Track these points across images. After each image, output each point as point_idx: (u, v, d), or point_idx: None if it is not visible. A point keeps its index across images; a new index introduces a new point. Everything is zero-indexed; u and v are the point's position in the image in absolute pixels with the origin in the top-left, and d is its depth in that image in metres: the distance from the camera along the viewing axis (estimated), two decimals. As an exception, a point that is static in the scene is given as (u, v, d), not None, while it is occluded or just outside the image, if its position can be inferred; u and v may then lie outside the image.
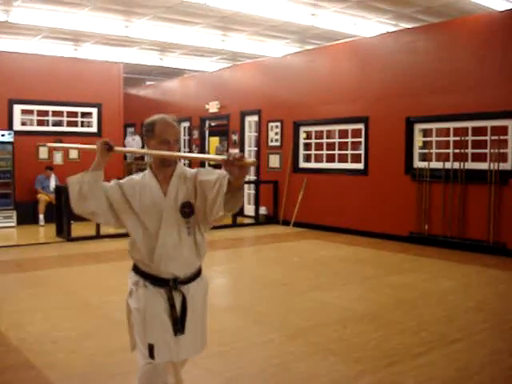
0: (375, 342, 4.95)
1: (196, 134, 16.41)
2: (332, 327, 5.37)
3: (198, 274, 3.15)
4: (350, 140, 11.81)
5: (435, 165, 10.14)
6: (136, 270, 3.06)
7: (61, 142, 13.66)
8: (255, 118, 14.11)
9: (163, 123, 3.01)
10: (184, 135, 17.14)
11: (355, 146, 11.76)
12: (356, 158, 11.67)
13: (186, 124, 16.92)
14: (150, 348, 2.93)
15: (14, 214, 12.51)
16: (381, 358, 4.53)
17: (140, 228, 2.99)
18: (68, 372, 4.28)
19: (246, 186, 14.21)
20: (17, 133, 12.88)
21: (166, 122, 3.02)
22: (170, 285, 2.98)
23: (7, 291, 7.21)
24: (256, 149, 14.12)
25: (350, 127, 11.74)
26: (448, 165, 9.90)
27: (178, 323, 2.98)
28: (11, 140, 12.52)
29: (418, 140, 10.52)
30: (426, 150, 10.43)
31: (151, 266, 2.97)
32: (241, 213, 13.93)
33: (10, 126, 13.11)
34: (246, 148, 14.53)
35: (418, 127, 10.47)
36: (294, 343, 4.90)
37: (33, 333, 5.17)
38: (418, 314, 5.88)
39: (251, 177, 14.34)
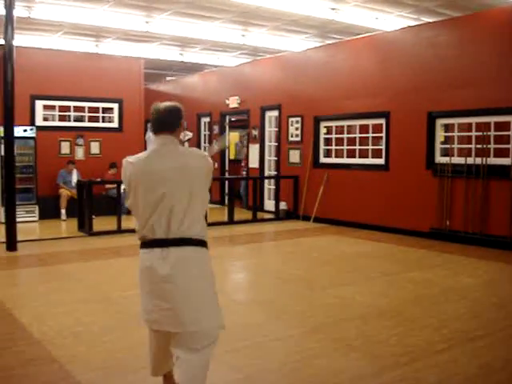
0: (396, 338, 4.94)
1: (216, 129, 16.43)
2: (353, 323, 5.36)
3: None
4: (370, 135, 11.75)
5: (457, 160, 10.05)
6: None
7: (82, 137, 13.81)
8: (275, 113, 14.10)
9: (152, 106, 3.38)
10: (204, 130, 17.18)
11: (376, 141, 11.70)
12: (377, 153, 11.61)
13: (207, 119, 16.96)
14: None
15: (37, 208, 12.65)
16: (402, 355, 4.52)
17: None
18: (89, 365, 4.32)
19: (266, 180, 14.25)
20: (39, 128, 13.00)
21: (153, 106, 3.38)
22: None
23: (30, 285, 7.31)
24: (276, 144, 14.11)
25: (370, 122, 11.68)
26: (470, 160, 9.81)
27: None
28: (33, 135, 12.64)
29: (440, 135, 10.44)
30: (447, 145, 10.34)
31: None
32: (261, 208, 13.95)
33: (32, 122, 13.24)
34: (267, 143, 14.53)
35: (439, 122, 10.38)
36: (315, 339, 4.91)
37: (55, 326, 5.23)
38: (440, 311, 5.84)
39: (272, 172, 14.34)
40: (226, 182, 15.30)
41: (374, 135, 11.68)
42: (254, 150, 14.84)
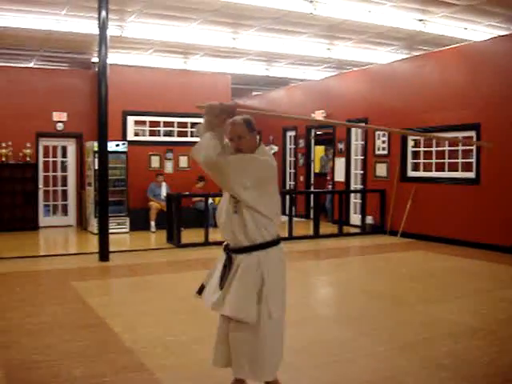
0: (488, 358, 4.77)
1: (302, 143, 16.46)
2: (442, 341, 5.22)
3: (246, 250, 3.42)
4: (460, 148, 11.45)
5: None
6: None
7: (171, 151, 14.18)
8: (361, 126, 13.99)
9: (231, 123, 3.49)
10: (290, 144, 17.24)
11: (466, 154, 11.38)
12: (467, 167, 11.29)
13: (292, 133, 17.02)
14: (201, 287, 3.73)
15: (128, 220, 13.07)
16: (494, 376, 4.37)
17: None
18: (179, 375, 4.42)
19: (352, 194, 14.13)
20: (130, 143, 13.47)
21: (232, 122, 3.50)
22: (224, 248, 3.55)
23: (121, 294, 7.55)
24: (362, 157, 13.98)
25: (460, 134, 11.39)
26: None
27: (222, 280, 3.49)
28: (125, 150, 13.09)
29: (534, 147, 10.05)
30: (542, 158, 9.94)
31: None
32: (347, 222, 13.83)
33: (124, 137, 13.73)
34: (353, 157, 14.42)
35: (534, 134, 10.01)
36: (404, 356, 4.81)
37: (146, 336, 5.38)
38: (536, 331, 5.62)
39: (358, 185, 14.21)
40: (311, 195, 15.28)
41: (464, 148, 11.36)
42: (340, 163, 14.76)
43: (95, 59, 13.42)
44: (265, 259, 3.45)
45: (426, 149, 12.25)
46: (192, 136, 14.72)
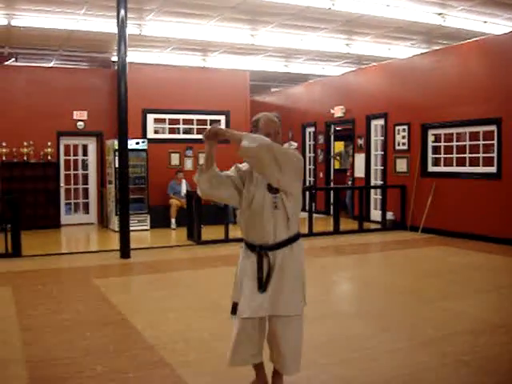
0: (510, 354, 4.75)
1: (321, 138, 16.43)
2: (464, 337, 5.19)
3: (285, 243, 3.61)
4: (481, 142, 11.35)
5: None
6: (244, 242, 3.72)
7: (191, 149, 14.22)
8: (381, 121, 13.91)
9: (265, 119, 3.66)
10: (309, 140, 17.21)
11: (487, 148, 11.28)
12: (488, 162, 11.19)
13: (312, 129, 16.99)
14: (234, 306, 3.63)
15: (148, 217, 13.14)
16: (517, 372, 4.34)
17: (243, 200, 3.65)
18: (200, 371, 4.45)
19: (372, 190, 14.08)
20: (150, 140, 13.53)
21: (267, 118, 3.67)
22: (257, 250, 3.58)
23: (142, 291, 7.60)
24: (382, 153, 13.91)
25: (481, 129, 11.29)
26: None
27: (262, 283, 3.55)
28: (145, 148, 13.16)
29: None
30: None
31: (247, 235, 3.66)
32: (367, 218, 13.78)
33: (144, 135, 13.80)
34: (373, 152, 14.36)
35: (556, 128, 9.89)
36: (425, 352, 4.79)
37: (167, 332, 5.42)
38: (558, 327, 5.56)
39: (378, 181, 14.15)
40: (331, 191, 15.25)
41: (485, 142, 11.27)
42: (360, 159, 14.71)
43: (115, 58, 13.49)
44: (299, 248, 3.72)
45: (446, 144, 12.15)
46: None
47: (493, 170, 11.00)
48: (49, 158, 13.26)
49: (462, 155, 11.76)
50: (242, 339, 3.64)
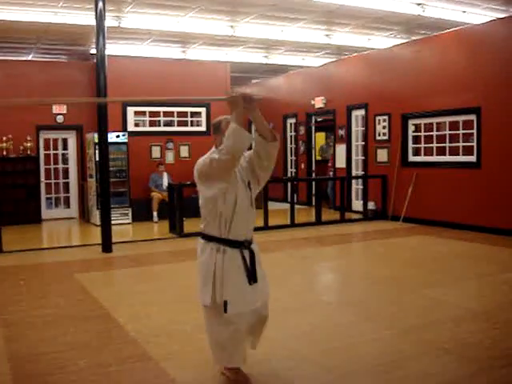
0: (491, 341, 4.80)
1: (302, 129, 16.45)
2: (445, 325, 5.24)
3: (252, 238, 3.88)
4: (461, 132, 11.43)
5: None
6: (212, 238, 3.77)
7: (172, 141, 14.18)
8: (362, 112, 13.96)
9: (227, 122, 3.75)
10: (290, 131, 17.22)
11: (467, 137, 11.37)
12: (468, 151, 11.27)
13: (292, 120, 17.00)
14: (225, 304, 3.64)
15: (130, 211, 13.10)
16: (497, 358, 4.39)
17: (226, 199, 3.66)
18: (183, 363, 4.45)
19: (353, 180, 14.13)
20: (130, 133, 13.47)
21: (229, 121, 3.73)
22: (244, 245, 3.74)
23: (125, 285, 7.59)
24: (363, 143, 13.97)
25: (460, 118, 11.37)
26: None
27: (254, 276, 3.74)
28: (126, 141, 13.09)
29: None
30: (543, 140, 9.92)
31: (230, 233, 3.70)
32: (349, 208, 13.84)
33: (124, 128, 13.72)
34: (353, 143, 14.40)
35: (534, 116, 9.99)
36: (407, 341, 4.84)
37: (149, 325, 5.41)
38: (538, 313, 5.64)
39: (359, 171, 14.20)
40: (313, 182, 15.30)
41: (465, 132, 11.35)
42: (341, 149, 14.75)
43: (93, 51, 13.36)
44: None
45: (426, 133, 12.22)
46: (192, 125, 14.73)
47: (472, 158, 11.08)
48: (28, 152, 13.14)
49: (442, 145, 11.84)
50: (240, 337, 3.75)
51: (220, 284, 3.69)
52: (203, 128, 14.68)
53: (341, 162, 14.77)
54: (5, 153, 12.89)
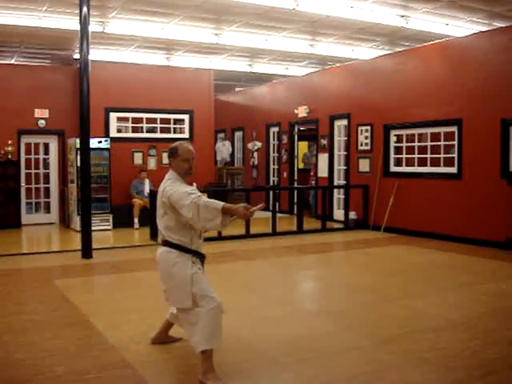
0: (470, 351, 4.82)
1: (285, 138, 16.48)
2: (425, 335, 5.26)
3: None
4: (442, 143, 11.52)
5: (534, 168, 9.73)
6: (187, 250, 4.30)
7: (154, 148, 14.14)
8: (344, 121, 14.02)
9: (183, 147, 4.43)
10: (273, 140, 17.23)
11: (448, 149, 11.46)
12: (449, 162, 11.37)
13: (276, 129, 17.02)
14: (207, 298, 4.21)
15: (110, 217, 13.02)
16: (476, 368, 4.41)
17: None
18: (162, 371, 4.43)
19: (335, 190, 14.18)
20: (113, 139, 13.41)
21: (185, 147, 4.43)
22: (202, 256, 4.43)
23: (104, 292, 7.53)
24: (345, 153, 14.03)
25: (442, 130, 11.46)
26: (547, 168, 9.47)
27: None
28: (108, 146, 13.03)
29: (515, 142, 10.13)
30: (523, 153, 10.03)
31: (192, 245, 4.33)
32: (330, 217, 13.88)
33: (106, 133, 13.67)
34: (336, 152, 14.45)
35: (514, 129, 10.09)
36: (386, 350, 4.84)
37: (129, 333, 5.36)
38: (516, 324, 5.68)
39: (341, 181, 14.25)
40: (295, 191, 15.32)
41: (446, 143, 11.44)
42: (323, 159, 14.80)
43: (77, 55, 13.32)
44: None
45: (408, 144, 12.31)
46: (175, 132, 14.71)
47: (453, 170, 11.18)
48: (9, 156, 13.03)
49: (424, 155, 11.93)
50: (220, 321, 4.25)
51: (201, 283, 4.26)
52: (186, 135, 14.67)
53: (323, 172, 14.81)
54: (-15, 157, 12.77)
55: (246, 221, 11.49)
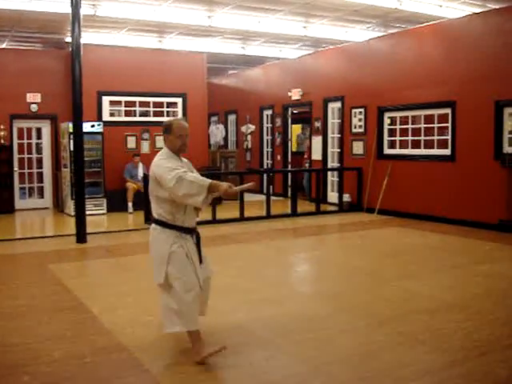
0: (464, 332, 4.86)
1: (279, 121, 16.44)
2: (420, 316, 5.30)
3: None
4: (436, 125, 11.52)
5: (527, 149, 9.75)
6: (169, 226, 4.27)
7: (147, 131, 14.08)
8: (338, 104, 13.99)
9: (177, 124, 4.35)
10: (267, 123, 17.20)
11: (442, 131, 11.46)
12: (442, 144, 11.38)
13: (269, 112, 16.98)
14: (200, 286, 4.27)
15: (104, 201, 13.00)
16: (470, 349, 4.45)
17: None
18: (158, 354, 4.44)
19: (329, 172, 14.18)
20: (106, 123, 13.32)
21: (179, 123, 4.37)
22: (196, 232, 4.43)
23: (99, 276, 7.53)
24: (339, 135, 14.01)
25: (436, 112, 11.46)
26: (541, 149, 9.50)
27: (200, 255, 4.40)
28: (101, 130, 12.96)
29: (508, 124, 10.13)
30: (516, 135, 10.04)
31: (184, 223, 4.29)
32: (324, 200, 13.89)
33: (99, 117, 13.59)
34: (330, 135, 14.44)
35: (507, 111, 10.08)
36: (381, 332, 4.88)
37: (124, 316, 5.38)
38: (509, 305, 5.72)
39: (335, 164, 14.25)
40: (289, 174, 15.31)
41: (440, 125, 11.44)
42: (317, 141, 14.78)
43: (69, 39, 13.20)
44: None
45: (402, 126, 12.30)
46: (168, 116, 14.65)
47: (447, 152, 11.19)
48: (2, 141, 12.96)
49: (418, 138, 11.93)
50: (198, 301, 4.29)
51: (184, 265, 4.24)
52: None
53: (317, 154, 14.80)
54: (-23, 142, 12.71)
55: (241, 204, 11.50)
